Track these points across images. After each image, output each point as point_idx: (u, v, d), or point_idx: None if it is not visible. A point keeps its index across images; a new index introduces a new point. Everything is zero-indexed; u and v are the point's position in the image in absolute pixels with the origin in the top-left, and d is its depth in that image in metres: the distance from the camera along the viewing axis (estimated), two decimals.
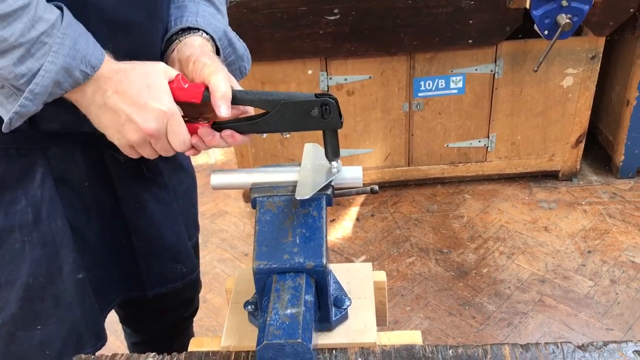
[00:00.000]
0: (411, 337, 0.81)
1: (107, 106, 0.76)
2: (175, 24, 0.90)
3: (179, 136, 0.79)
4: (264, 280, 0.75)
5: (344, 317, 0.82)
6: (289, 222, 0.78)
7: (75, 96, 0.76)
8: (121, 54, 0.78)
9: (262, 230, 0.78)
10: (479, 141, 2.51)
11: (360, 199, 2.64)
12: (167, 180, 1.07)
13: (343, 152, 2.49)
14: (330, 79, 2.31)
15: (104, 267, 1.02)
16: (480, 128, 2.48)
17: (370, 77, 2.33)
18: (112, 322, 1.27)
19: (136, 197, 1.01)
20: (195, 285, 1.32)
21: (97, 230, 0.99)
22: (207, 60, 0.82)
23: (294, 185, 0.80)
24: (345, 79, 2.33)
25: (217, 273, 2.32)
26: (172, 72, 0.80)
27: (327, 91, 2.34)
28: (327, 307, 0.78)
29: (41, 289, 0.92)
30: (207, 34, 0.90)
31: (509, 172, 2.62)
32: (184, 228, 1.13)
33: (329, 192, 0.80)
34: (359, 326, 0.82)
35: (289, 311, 0.69)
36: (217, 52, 0.90)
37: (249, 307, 0.83)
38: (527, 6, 2.06)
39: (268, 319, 0.68)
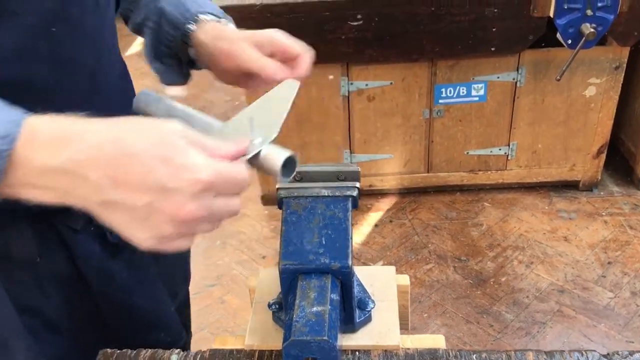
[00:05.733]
0: (434, 341, 0.81)
1: (109, 202, 0.51)
2: (185, 17, 0.82)
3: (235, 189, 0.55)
4: (289, 280, 0.76)
5: (368, 319, 0.82)
6: (315, 223, 0.78)
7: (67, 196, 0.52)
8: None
9: (289, 231, 0.79)
10: (500, 149, 2.50)
11: (379, 204, 2.64)
12: None
13: (362, 157, 2.50)
14: (351, 84, 2.32)
15: (74, 341, 0.91)
16: (501, 136, 2.47)
17: (391, 83, 2.33)
18: None
19: (101, 266, 0.87)
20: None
21: (57, 304, 0.87)
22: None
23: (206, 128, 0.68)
24: (366, 85, 2.33)
25: (235, 275, 2.33)
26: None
27: (348, 96, 2.34)
28: (351, 308, 0.78)
29: None
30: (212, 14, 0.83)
31: (529, 181, 2.60)
32: (165, 290, 1.00)
33: (355, 194, 0.81)
34: (382, 328, 0.82)
35: (315, 309, 0.69)
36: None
37: (273, 306, 0.83)
38: (551, 15, 2.05)
39: (294, 316, 0.68)
